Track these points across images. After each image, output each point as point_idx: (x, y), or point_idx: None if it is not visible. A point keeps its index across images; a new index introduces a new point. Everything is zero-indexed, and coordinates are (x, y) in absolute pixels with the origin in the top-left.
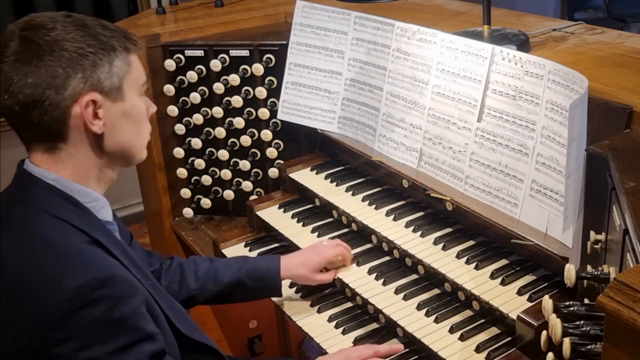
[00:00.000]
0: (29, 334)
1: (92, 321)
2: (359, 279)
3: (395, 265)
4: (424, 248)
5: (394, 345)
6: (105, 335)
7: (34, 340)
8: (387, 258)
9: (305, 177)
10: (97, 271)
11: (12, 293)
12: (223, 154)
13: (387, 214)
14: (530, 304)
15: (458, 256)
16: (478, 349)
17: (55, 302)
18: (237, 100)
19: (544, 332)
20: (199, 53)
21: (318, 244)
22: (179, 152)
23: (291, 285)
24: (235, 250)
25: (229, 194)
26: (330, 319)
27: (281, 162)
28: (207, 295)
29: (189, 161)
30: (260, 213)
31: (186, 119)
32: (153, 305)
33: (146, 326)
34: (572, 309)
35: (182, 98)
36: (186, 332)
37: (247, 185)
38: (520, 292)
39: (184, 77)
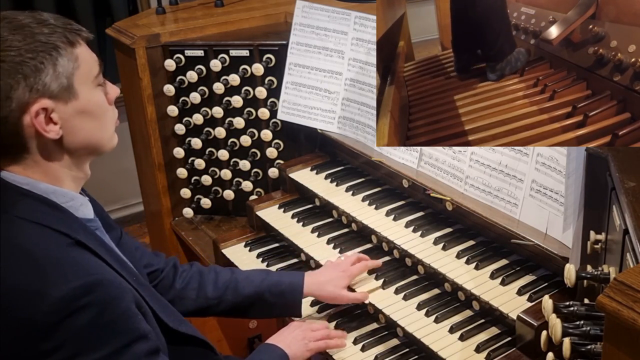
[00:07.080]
0: (20, 346)
1: (81, 328)
2: (359, 279)
3: (395, 265)
4: (424, 248)
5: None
6: (96, 340)
7: (25, 352)
8: (387, 258)
9: (305, 177)
10: (80, 278)
11: None
12: (223, 154)
13: (387, 214)
14: (530, 304)
15: (458, 256)
16: (478, 349)
17: (42, 314)
18: (237, 100)
19: (544, 332)
20: (199, 53)
21: (340, 262)
22: (179, 152)
23: None
24: (235, 250)
25: (229, 194)
26: (330, 319)
27: (281, 162)
28: (224, 306)
29: (189, 161)
30: (260, 213)
31: (186, 119)
32: (141, 302)
33: (138, 326)
34: (572, 309)
35: (182, 98)
36: (173, 326)
37: (247, 185)
38: (520, 292)
39: (184, 77)
